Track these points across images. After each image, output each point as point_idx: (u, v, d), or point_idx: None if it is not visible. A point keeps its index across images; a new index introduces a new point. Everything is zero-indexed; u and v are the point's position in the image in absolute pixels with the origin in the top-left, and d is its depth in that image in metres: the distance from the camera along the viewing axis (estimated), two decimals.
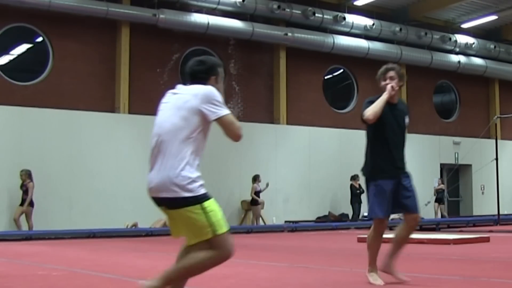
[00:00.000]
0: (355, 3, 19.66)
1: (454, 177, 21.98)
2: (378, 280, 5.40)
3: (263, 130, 18.42)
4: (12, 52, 16.63)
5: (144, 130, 16.51)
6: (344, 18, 19.09)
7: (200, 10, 17.40)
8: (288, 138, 18.84)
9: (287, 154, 18.80)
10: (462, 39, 21.69)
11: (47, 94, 15.75)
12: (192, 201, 3.69)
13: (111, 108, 16.52)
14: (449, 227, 17.02)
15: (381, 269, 5.47)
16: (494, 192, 16.93)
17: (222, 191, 17.53)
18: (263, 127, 18.51)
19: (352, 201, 18.75)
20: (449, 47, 21.53)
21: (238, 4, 17.48)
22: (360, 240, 11.61)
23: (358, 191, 18.76)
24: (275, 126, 18.80)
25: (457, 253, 8.90)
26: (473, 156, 20.80)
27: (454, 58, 21.68)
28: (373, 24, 19.75)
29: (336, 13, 19.03)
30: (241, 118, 18.36)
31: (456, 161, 21.46)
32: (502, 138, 21.95)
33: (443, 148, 21.93)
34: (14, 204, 14.59)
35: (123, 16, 16.43)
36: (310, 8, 18.56)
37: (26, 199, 14.21)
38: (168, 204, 3.77)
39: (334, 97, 20.70)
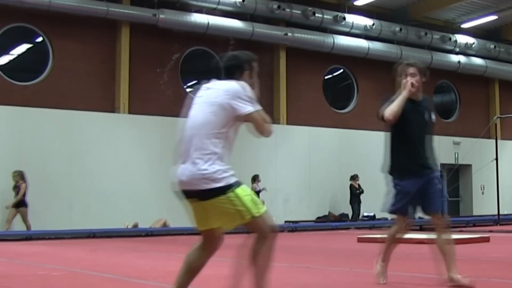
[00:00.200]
0: (355, 3, 19.66)
1: (454, 177, 21.97)
2: (382, 273, 5.38)
3: None
4: (12, 52, 16.64)
5: (144, 130, 16.64)
6: (344, 18, 19.08)
7: (200, 10, 17.40)
8: (288, 138, 18.83)
9: (287, 154, 18.79)
10: (462, 39, 21.69)
11: (47, 94, 15.75)
12: (225, 190, 3.78)
13: (111, 108, 16.52)
14: (449, 227, 16.98)
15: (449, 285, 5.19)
16: (494, 192, 16.93)
17: None
18: None
19: (352, 201, 18.74)
20: (449, 47, 21.52)
21: (238, 4, 17.48)
22: (360, 240, 11.62)
23: (357, 191, 18.75)
24: (275, 126, 18.71)
25: (457, 253, 8.87)
26: (473, 156, 20.80)
27: (454, 58, 21.67)
28: (373, 24, 19.75)
29: (336, 13, 19.02)
30: None
31: (456, 161, 21.45)
32: (502, 138, 21.94)
33: (443, 148, 21.91)
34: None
35: (123, 16, 16.43)
36: (310, 8, 18.55)
37: (20, 200, 14.05)
38: (200, 196, 3.83)
39: (334, 97, 20.70)
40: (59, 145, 15.41)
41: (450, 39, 21.27)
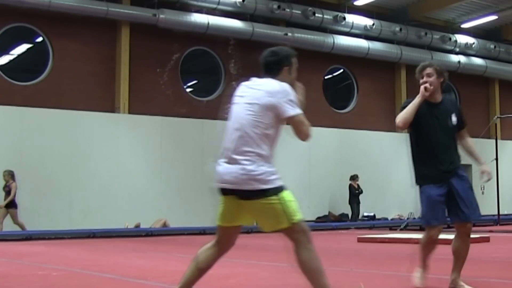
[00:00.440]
0: (355, 3, 19.66)
1: None
2: (420, 278, 5.20)
3: None
4: (12, 52, 16.64)
5: (144, 130, 16.64)
6: (344, 18, 19.09)
7: (200, 10, 17.40)
8: (288, 138, 18.78)
9: (287, 154, 18.77)
10: (462, 39, 21.69)
11: (47, 94, 15.75)
12: (270, 193, 3.77)
13: (111, 108, 16.52)
14: (449, 227, 16.97)
15: (450, 287, 5.16)
16: (494, 192, 16.92)
17: None
18: None
19: (351, 201, 18.73)
20: (449, 47, 21.53)
21: (238, 4, 17.48)
22: (360, 240, 11.63)
23: (357, 191, 18.75)
24: None
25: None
26: None
27: (454, 58, 21.67)
28: (373, 24, 19.75)
29: (336, 13, 19.02)
30: None
31: None
32: (502, 138, 21.94)
33: None
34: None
35: (123, 16, 16.43)
36: (310, 8, 18.56)
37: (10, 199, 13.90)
38: (242, 195, 3.80)
39: (334, 97, 20.70)
40: (59, 145, 15.41)
41: (450, 39, 21.27)
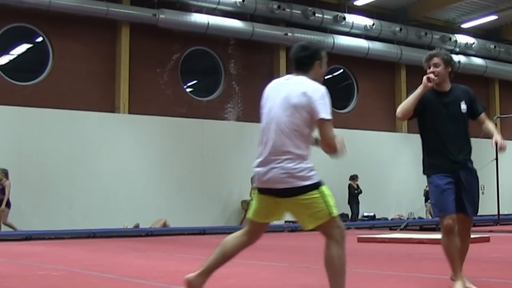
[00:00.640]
0: (355, 3, 19.66)
1: None
2: (463, 281, 4.79)
3: None
4: (12, 52, 16.64)
5: (144, 130, 16.65)
6: (344, 18, 19.09)
7: (200, 10, 17.40)
8: None
9: None
10: (462, 39, 21.69)
11: (47, 94, 15.75)
12: (311, 188, 3.83)
13: (111, 108, 16.52)
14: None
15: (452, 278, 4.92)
16: (494, 192, 16.92)
17: (222, 191, 17.55)
18: None
19: (350, 201, 18.72)
20: (449, 47, 21.51)
21: (238, 4, 17.48)
22: (360, 240, 11.64)
23: (356, 191, 18.75)
24: None
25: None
26: (473, 156, 20.67)
27: (454, 58, 21.57)
28: (373, 24, 19.75)
29: (336, 13, 19.03)
30: (241, 118, 18.41)
31: None
32: (502, 138, 21.90)
33: None
34: (12, 204, 14.58)
35: (123, 16, 16.43)
36: (310, 8, 18.56)
37: (3, 199, 13.81)
38: (281, 194, 3.86)
39: (334, 97, 20.65)
40: (59, 145, 15.41)
41: (450, 39, 21.27)
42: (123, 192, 16.00)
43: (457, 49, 21.73)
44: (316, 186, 3.85)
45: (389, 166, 20.48)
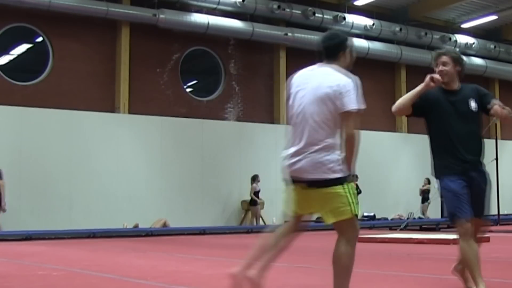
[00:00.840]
0: (355, 3, 19.66)
1: None
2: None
3: (263, 130, 18.42)
4: (12, 52, 16.64)
5: (144, 130, 16.65)
6: (344, 18, 19.08)
7: (200, 10, 17.40)
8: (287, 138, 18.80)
9: None
10: (462, 39, 21.69)
11: (47, 94, 15.75)
12: (338, 182, 3.84)
13: (111, 108, 16.53)
14: (449, 227, 17.00)
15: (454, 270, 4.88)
16: (494, 192, 16.92)
17: (222, 191, 17.55)
18: (263, 127, 18.52)
19: None
20: (449, 47, 21.54)
21: (238, 4, 17.48)
22: (360, 240, 11.60)
23: (356, 191, 18.75)
24: (275, 126, 18.79)
25: (457, 253, 8.88)
26: None
27: None
28: (373, 24, 19.75)
29: (336, 13, 19.03)
30: (241, 118, 18.41)
31: None
32: (502, 138, 21.92)
33: None
34: (12, 204, 14.60)
35: (123, 16, 16.43)
36: (310, 8, 18.56)
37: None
38: (311, 184, 3.89)
39: None
40: (59, 145, 15.41)
41: (450, 39, 21.27)
42: (123, 192, 16.00)
43: (457, 49, 21.71)
44: (342, 181, 3.85)
45: (389, 166, 20.48)
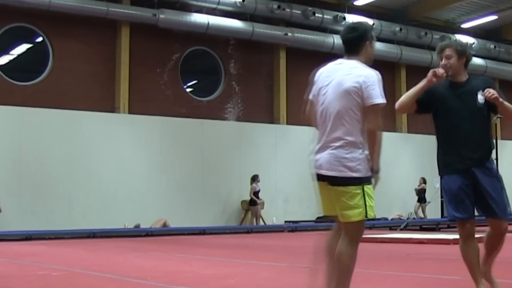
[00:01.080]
0: (355, 3, 19.67)
1: None
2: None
3: (263, 130, 18.43)
4: (12, 52, 16.63)
5: (144, 130, 16.65)
6: (344, 18, 19.08)
7: (200, 10, 17.40)
8: (288, 138, 18.83)
9: (287, 154, 18.79)
10: (462, 39, 21.68)
11: (47, 94, 15.75)
12: (356, 182, 3.78)
13: (111, 108, 16.53)
14: (449, 227, 17.00)
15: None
16: None
17: (222, 191, 17.55)
18: (263, 127, 18.52)
19: None
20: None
21: (238, 4, 17.48)
22: (360, 240, 11.61)
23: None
24: (275, 126, 18.80)
25: (457, 253, 8.87)
26: None
27: None
28: (373, 24, 19.71)
29: (336, 13, 19.02)
30: (241, 118, 18.41)
31: None
32: (502, 138, 21.92)
33: None
34: (12, 204, 14.60)
35: (123, 16, 16.43)
36: (310, 8, 18.56)
37: None
38: (331, 181, 3.84)
39: None
40: (59, 145, 15.41)
41: (450, 39, 21.26)
42: (123, 192, 16.00)
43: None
44: (360, 181, 3.79)
45: (389, 166, 20.43)
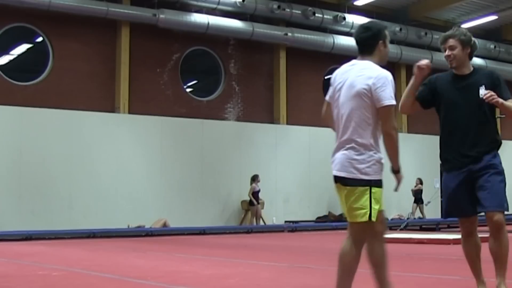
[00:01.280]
0: (355, 3, 19.66)
1: None
2: None
3: (263, 130, 18.42)
4: (12, 52, 16.64)
5: (144, 130, 16.66)
6: (344, 18, 19.09)
7: (200, 10, 17.40)
8: (288, 138, 18.83)
9: (287, 154, 18.80)
10: None
11: (47, 94, 15.75)
12: (364, 183, 3.79)
13: (111, 108, 16.53)
14: (449, 227, 17.01)
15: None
16: None
17: (222, 191, 17.55)
18: (263, 127, 18.52)
19: None
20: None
21: (238, 4, 17.48)
22: None
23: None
24: (275, 126, 18.80)
25: (457, 253, 8.88)
26: None
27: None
28: None
29: (336, 13, 19.03)
30: (241, 118, 18.41)
31: None
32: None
33: None
34: (12, 204, 14.61)
35: (123, 16, 16.43)
36: (310, 8, 18.56)
37: None
38: (342, 182, 3.88)
39: None
40: (59, 145, 15.41)
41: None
42: (123, 192, 16.00)
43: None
44: (368, 183, 3.79)
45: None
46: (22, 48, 16.94)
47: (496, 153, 4.36)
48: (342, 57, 19.68)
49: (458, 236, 4.51)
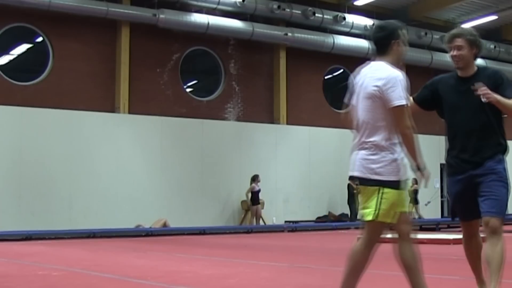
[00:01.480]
0: (355, 3, 19.66)
1: None
2: None
3: (263, 130, 18.42)
4: (12, 52, 16.63)
5: (144, 130, 16.66)
6: (344, 18, 19.09)
7: (200, 10, 17.40)
8: (288, 138, 18.83)
9: (287, 154, 18.80)
10: None
11: (47, 94, 15.75)
12: (374, 183, 3.82)
13: (111, 108, 16.53)
14: (449, 227, 17.01)
15: None
16: None
17: (222, 191, 17.55)
18: (263, 127, 18.52)
19: (349, 201, 18.70)
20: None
21: (238, 4, 17.48)
22: None
23: (355, 191, 18.75)
24: (275, 126, 18.80)
25: (457, 253, 8.88)
26: None
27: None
28: (373, 24, 19.71)
29: (336, 13, 19.03)
30: (241, 118, 18.41)
31: None
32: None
33: (443, 148, 21.75)
34: (12, 204, 14.60)
35: (123, 16, 16.43)
36: (310, 8, 18.56)
37: None
38: (359, 181, 3.94)
39: (334, 97, 20.69)
40: (59, 145, 15.41)
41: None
42: (123, 192, 16.00)
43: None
44: (379, 183, 3.80)
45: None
46: (22, 48, 16.94)
47: (501, 158, 4.23)
48: (342, 57, 19.91)
49: (458, 236, 4.53)
